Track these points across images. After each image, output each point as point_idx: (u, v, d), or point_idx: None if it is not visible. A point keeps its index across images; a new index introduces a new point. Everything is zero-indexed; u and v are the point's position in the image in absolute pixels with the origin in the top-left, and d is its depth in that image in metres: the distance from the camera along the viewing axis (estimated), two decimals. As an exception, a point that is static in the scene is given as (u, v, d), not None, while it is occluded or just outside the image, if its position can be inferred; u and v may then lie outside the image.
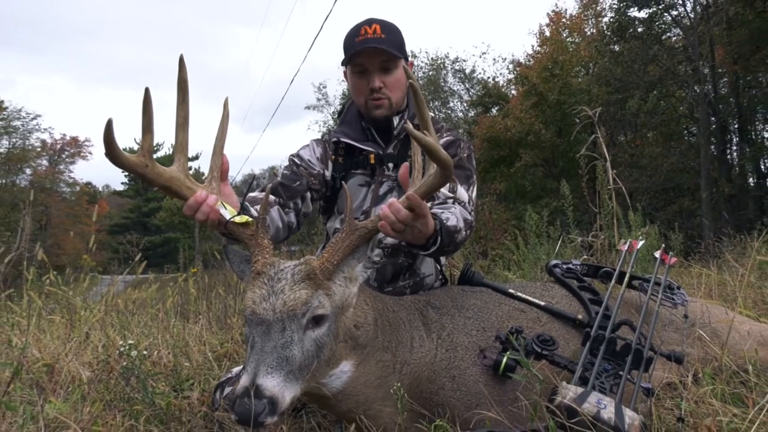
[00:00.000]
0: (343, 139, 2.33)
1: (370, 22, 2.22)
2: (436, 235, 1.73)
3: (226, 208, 1.67)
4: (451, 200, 2.07)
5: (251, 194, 1.95)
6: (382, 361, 1.67)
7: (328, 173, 2.34)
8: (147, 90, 1.55)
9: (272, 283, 1.52)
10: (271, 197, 2.09)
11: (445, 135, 2.30)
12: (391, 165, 2.30)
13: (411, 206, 1.55)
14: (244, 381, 1.40)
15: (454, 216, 1.89)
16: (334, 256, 1.57)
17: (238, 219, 1.65)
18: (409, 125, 1.49)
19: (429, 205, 1.95)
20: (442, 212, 1.89)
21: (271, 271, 1.55)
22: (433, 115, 2.43)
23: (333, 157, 2.35)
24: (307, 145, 2.40)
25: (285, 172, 2.29)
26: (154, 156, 1.63)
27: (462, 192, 2.12)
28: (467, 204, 2.09)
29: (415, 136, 1.46)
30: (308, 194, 2.25)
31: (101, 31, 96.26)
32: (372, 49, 2.15)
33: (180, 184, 1.67)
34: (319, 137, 2.48)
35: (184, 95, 1.65)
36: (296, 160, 2.33)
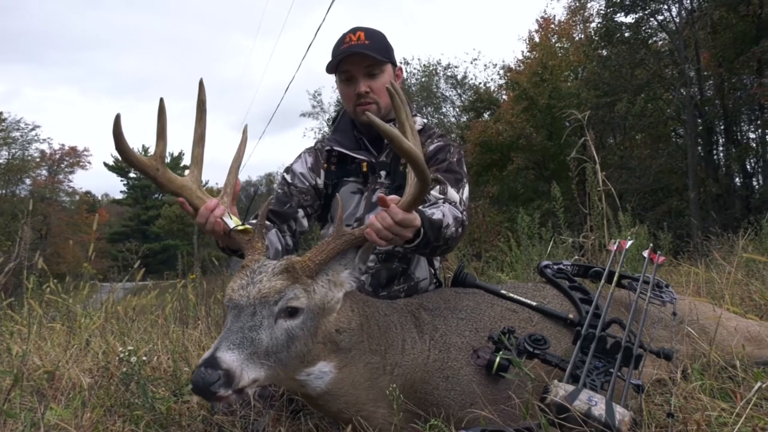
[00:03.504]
0: (335, 148, 2.34)
1: (354, 30, 2.25)
2: (419, 229, 1.75)
3: (231, 219, 1.76)
4: (441, 200, 2.09)
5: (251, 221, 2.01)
6: (371, 363, 1.69)
7: (320, 181, 2.36)
8: (161, 100, 1.69)
9: (253, 275, 1.59)
10: (267, 222, 2.15)
11: (435, 140, 2.31)
12: (383, 173, 2.31)
13: (398, 220, 1.59)
14: (206, 354, 1.44)
15: (440, 211, 1.91)
16: (317, 256, 1.63)
17: (240, 227, 1.75)
18: (372, 116, 1.52)
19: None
20: (428, 209, 1.91)
21: (255, 265, 1.62)
22: (426, 121, 2.45)
23: (325, 165, 2.37)
24: (300, 157, 2.43)
25: (278, 190, 2.35)
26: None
27: (452, 193, 2.14)
28: (458, 204, 2.12)
29: (375, 123, 1.48)
30: (300, 213, 2.29)
31: (105, 43, 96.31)
32: (356, 55, 2.19)
33: (191, 193, 1.78)
34: (312, 145, 2.50)
35: (202, 114, 1.80)
36: (288, 177, 2.36)
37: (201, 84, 1.79)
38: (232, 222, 1.75)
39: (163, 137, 1.72)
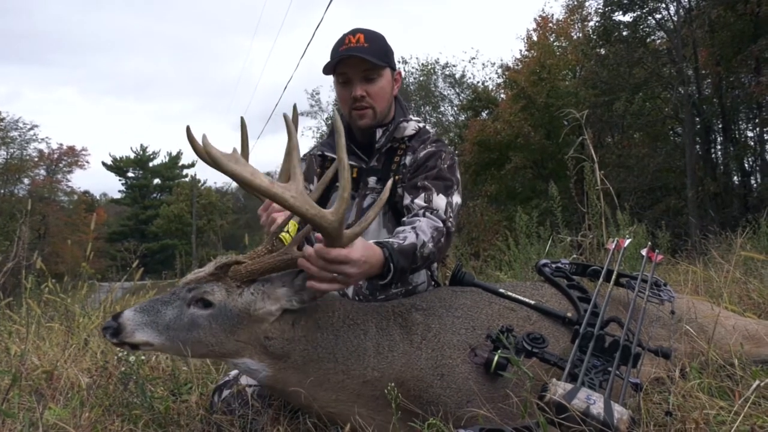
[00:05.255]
0: (326, 153, 2.33)
1: (354, 31, 2.21)
2: (387, 263, 1.75)
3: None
4: (422, 210, 2.06)
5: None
6: (324, 369, 1.71)
7: (312, 187, 2.33)
8: (242, 119, 1.89)
9: (207, 265, 1.76)
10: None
11: (428, 146, 2.26)
12: (374, 179, 2.27)
13: (329, 258, 1.57)
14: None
15: (413, 232, 1.89)
16: (253, 265, 1.68)
17: (279, 233, 1.80)
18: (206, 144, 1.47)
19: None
20: (401, 232, 1.90)
21: (217, 259, 1.76)
22: (421, 125, 2.38)
23: (318, 170, 2.36)
24: None
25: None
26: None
27: (438, 200, 2.10)
28: (442, 212, 2.07)
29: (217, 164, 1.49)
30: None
31: (106, 44, 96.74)
32: (353, 58, 2.15)
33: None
34: (307, 151, 2.49)
35: (291, 136, 1.86)
36: None
37: (295, 109, 1.92)
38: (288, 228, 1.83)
39: (246, 150, 1.91)
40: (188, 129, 1.79)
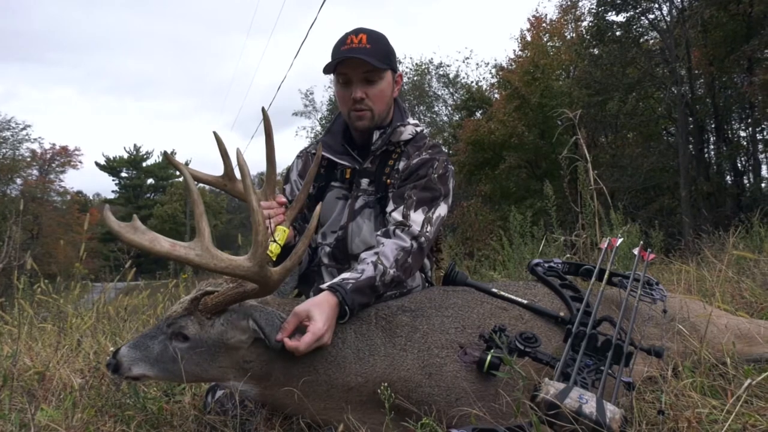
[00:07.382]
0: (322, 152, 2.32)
1: (357, 31, 2.19)
2: (342, 306, 1.78)
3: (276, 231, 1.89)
4: (394, 228, 2.04)
5: None
6: (307, 382, 1.75)
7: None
8: (215, 133, 1.94)
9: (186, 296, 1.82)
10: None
11: (423, 153, 2.24)
12: (366, 180, 2.25)
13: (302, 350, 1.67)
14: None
15: (372, 264, 1.89)
16: (217, 298, 1.72)
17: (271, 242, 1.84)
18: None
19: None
20: (362, 262, 1.91)
21: (200, 285, 1.84)
22: (419, 129, 2.34)
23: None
24: (293, 164, 2.43)
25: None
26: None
27: (416, 216, 2.07)
28: (417, 227, 2.04)
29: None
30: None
31: (105, 43, 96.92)
32: (354, 59, 2.13)
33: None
34: (305, 148, 2.49)
35: (270, 140, 1.93)
36: (287, 188, 2.36)
37: (265, 114, 1.92)
38: (275, 235, 1.86)
39: (228, 162, 1.97)
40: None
